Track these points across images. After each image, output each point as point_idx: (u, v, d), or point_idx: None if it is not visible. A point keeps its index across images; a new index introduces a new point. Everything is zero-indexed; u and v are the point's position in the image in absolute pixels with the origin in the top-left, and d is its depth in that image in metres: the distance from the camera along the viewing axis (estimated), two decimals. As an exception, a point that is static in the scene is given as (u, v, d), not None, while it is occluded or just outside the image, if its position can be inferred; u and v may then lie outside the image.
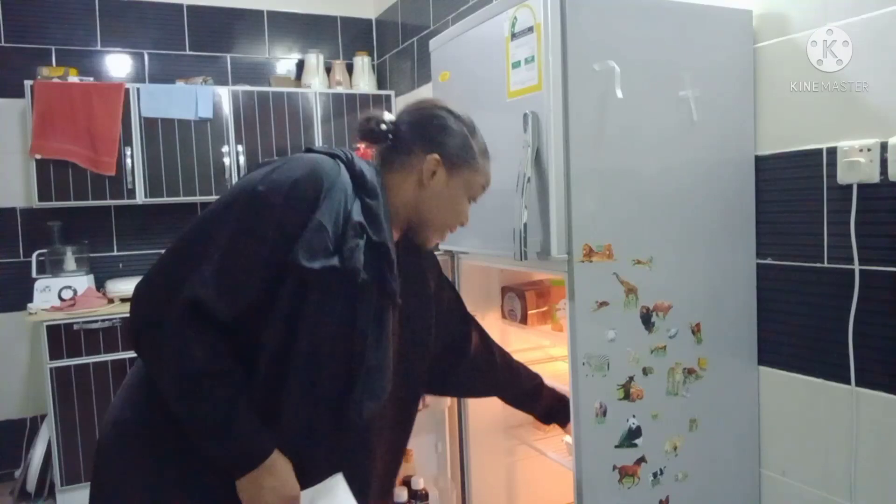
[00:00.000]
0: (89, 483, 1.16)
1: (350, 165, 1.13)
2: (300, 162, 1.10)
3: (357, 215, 1.08)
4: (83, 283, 3.18)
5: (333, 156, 1.13)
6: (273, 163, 1.11)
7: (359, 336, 1.09)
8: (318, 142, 3.55)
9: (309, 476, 1.09)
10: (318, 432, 1.10)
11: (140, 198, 3.21)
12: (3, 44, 3.24)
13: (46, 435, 3.03)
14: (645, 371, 1.54)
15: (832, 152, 1.48)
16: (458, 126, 1.22)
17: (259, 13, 3.73)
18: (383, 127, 1.19)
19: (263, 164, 1.12)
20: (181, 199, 3.30)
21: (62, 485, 2.89)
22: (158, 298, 1.02)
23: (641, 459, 1.55)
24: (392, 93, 3.73)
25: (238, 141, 3.38)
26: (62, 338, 2.90)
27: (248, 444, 1.04)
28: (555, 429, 1.85)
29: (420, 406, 2.09)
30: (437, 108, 1.23)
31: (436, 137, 1.20)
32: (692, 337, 1.59)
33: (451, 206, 1.24)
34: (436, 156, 1.19)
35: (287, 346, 1.05)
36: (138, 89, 3.20)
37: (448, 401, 2.13)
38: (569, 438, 1.70)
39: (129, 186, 3.18)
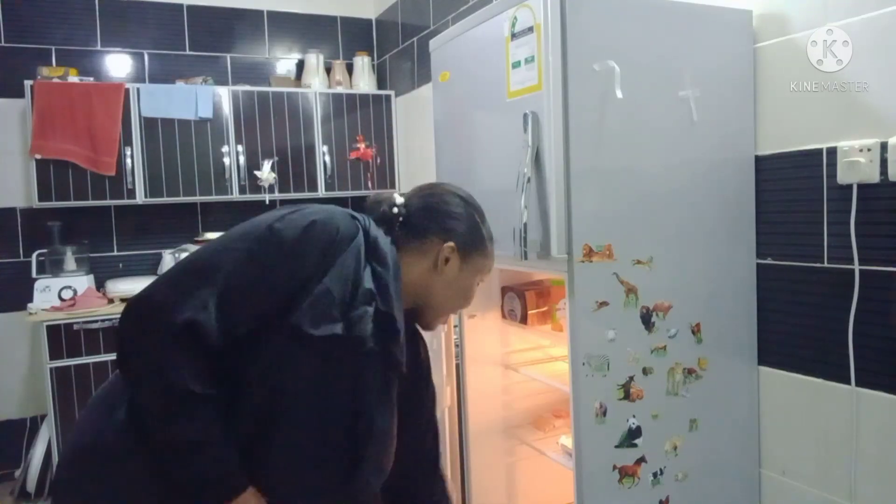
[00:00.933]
0: None
1: (366, 230, 1.12)
2: (320, 208, 1.10)
3: (368, 282, 1.07)
4: (83, 283, 3.18)
5: (352, 216, 1.13)
6: (293, 206, 1.11)
7: (365, 404, 1.07)
8: (319, 141, 3.55)
9: None
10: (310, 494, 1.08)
11: (140, 198, 3.21)
12: (3, 44, 3.24)
13: (46, 435, 3.03)
14: (645, 371, 1.54)
15: (832, 152, 1.48)
16: (468, 212, 1.22)
17: (259, 13, 3.74)
18: (395, 210, 1.20)
19: (282, 208, 1.12)
20: (181, 199, 3.30)
21: (62, 485, 2.89)
22: (155, 314, 1.00)
23: (641, 459, 1.55)
24: (392, 93, 3.73)
25: (238, 141, 3.38)
26: (62, 338, 2.90)
27: (225, 470, 1.01)
28: (555, 429, 1.85)
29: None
30: (447, 192, 1.24)
31: (449, 224, 1.20)
32: (692, 337, 1.59)
33: (462, 291, 1.25)
34: (451, 244, 1.19)
35: (272, 404, 1.03)
36: (138, 89, 3.20)
37: (448, 400, 2.13)
38: (565, 440, 1.70)
39: (129, 186, 3.18)
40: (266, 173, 3.41)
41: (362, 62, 3.79)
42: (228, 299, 1.00)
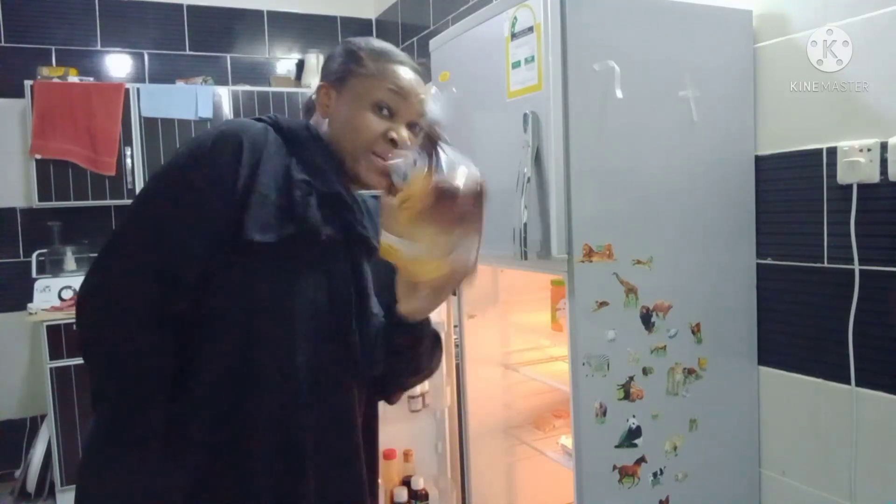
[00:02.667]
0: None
1: (277, 126, 1.06)
2: (222, 123, 1.05)
3: (297, 172, 1.01)
4: (83, 283, 3.18)
5: (257, 118, 1.07)
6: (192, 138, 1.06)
7: (339, 292, 1.02)
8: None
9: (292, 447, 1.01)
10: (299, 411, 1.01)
11: (140, 198, 3.21)
12: (3, 44, 3.24)
13: (46, 435, 3.03)
14: (645, 371, 1.54)
15: (832, 152, 1.48)
16: (343, 48, 1.12)
17: (259, 13, 3.74)
18: (312, 97, 1.15)
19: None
20: (181, 199, 3.30)
21: (62, 485, 2.89)
22: (113, 304, 0.96)
23: (641, 459, 1.55)
24: (392, 93, 3.72)
25: (238, 141, 3.37)
26: (62, 338, 2.90)
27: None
28: (555, 429, 1.85)
29: (419, 406, 2.10)
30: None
31: (325, 70, 1.13)
32: (692, 337, 1.59)
33: (352, 123, 1.08)
34: (321, 83, 1.11)
35: (252, 327, 0.98)
36: (138, 89, 3.20)
37: (448, 400, 2.13)
38: (565, 440, 1.70)
39: (129, 186, 3.18)
40: (266, 173, 3.40)
41: (362, 62, 3.79)
42: (171, 252, 0.95)
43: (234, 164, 0.97)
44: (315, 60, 3.70)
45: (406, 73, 1.12)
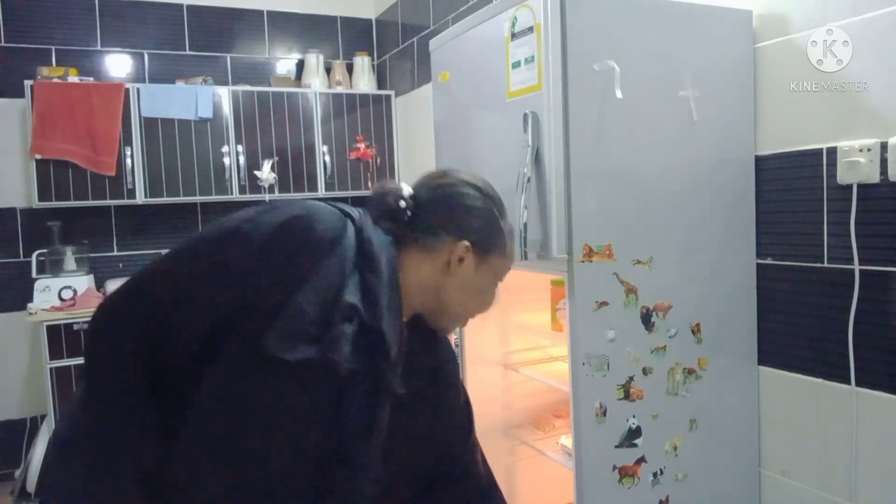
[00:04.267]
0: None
1: (360, 230, 0.98)
2: (301, 205, 0.96)
3: (351, 295, 0.93)
4: (83, 283, 3.18)
5: (344, 213, 1.00)
6: (273, 203, 0.98)
7: (343, 434, 0.94)
8: (319, 141, 3.55)
9: None
10: None
11: (140, 198, 3.21)
12: (3, 44, 3.24)
13: (46, 435, 3.03)
14: (645, 371, 1.54)
15: (832, 152, 1.48)
16: (486, 206, 1.08)
17: (259, 13, 3.74)
18: (402, 203, 1.04)
19: (264, 205, 1.00)
20: (181, 199, 3.30)
21: (62, 485, 2.89)
22: (117, 328, 0.93)
23: (641, 459, 1.55)
24: (392, 93, 3.73)
25: (238, 141, 3.38)
26: (62, 338, 2.90)
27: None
28: (555, 429, 1.85)
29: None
30: (462, 183, 1.09)
31: (464, 220, 1.06)
32: (692, 337, 1.59)
33: (480, 294, 1.11)
34: (466, 243, 1.05)
35: (228, 429, 0.91)
36: (138, 89, 3.20)
37: (448, 401, 2.13)
38: (565, 440, 1.70)
39: (129, 186, 3.18)
40: (266, 173, 3.41)
41: (362, 62, 3.79)
42: (187, 307, 0.91)
43: (283, 266, 0.91)
44: (315, 60, 3.70)
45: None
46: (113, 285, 3.19)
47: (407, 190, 1.06)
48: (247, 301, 0.90)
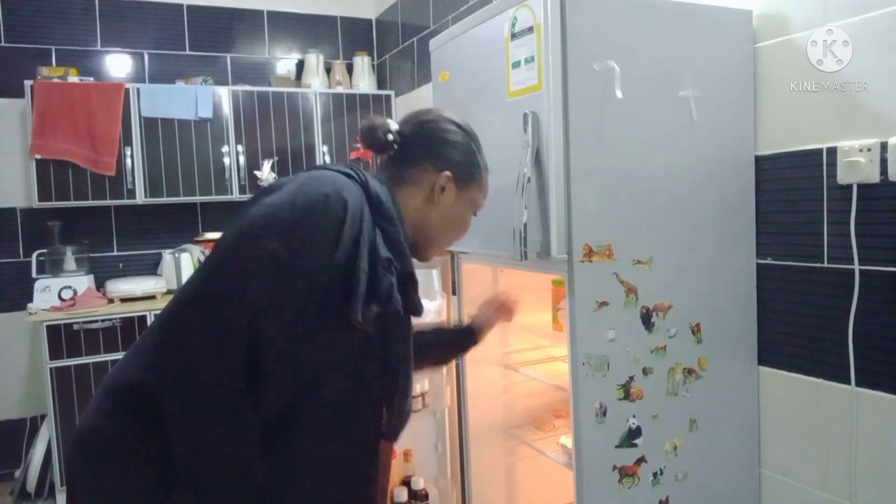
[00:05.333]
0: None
1: (366, 188, 1.07)
2: (318, 183, 1.02)
3: (383, 249, 1.03)
4: (83, 283, 3.18)
5: (349, 175, 1.07)
6: (285, 188, 1.03)
7: (395, 371, 1.09)
8: (319, 141, 3.55)
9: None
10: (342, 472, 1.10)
11: (140, 198, 3.21)
12: (3, 44, 3.24)
13: (46, 435, 3.03)
14: (645, 371, 1.54)
15: (832, 152, 1.48)
16: (465, 141, 1.19)
17: (259, 13, 3.74)
18: (389, 137, 1.15)
19: (272, 187, 1.05)
20: (181, 199, 3.30)
21: (62, 485, 2.89)
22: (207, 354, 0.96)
23: (641, 459, 1.55)
24: (392, 93, 3.73)
25: (238, 141, 3.38)
26: (62, 338, 2.90)
27: None
28: (555, 429, 1.85)
29: (419, 406, 2.10)
30: (444, 119, 1.19)
31: (446, 153, 1.16)
32: (692, 337, 1.59)
33: (459, 222, 1.21)
34: (448, 173, 1.15)
35: (302, 395, 1.02)
36: (138, 89, 3.20)
37: (448, 401, 2.13)
38: (565, 440, 1.70)
39: (129, 186, 3.18)
40: (266, 173, 3.41)
41: (362, 62, 3.79)
42: (267, 312, 0.97)
43: (335, 237, 0.99)
44: (315, 60, 3.70)
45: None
46: (113, 285, 3.20)
47: (394, 125, 1.16)
48: (321, 283, 0.98)
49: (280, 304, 0.97)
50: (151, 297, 3.23)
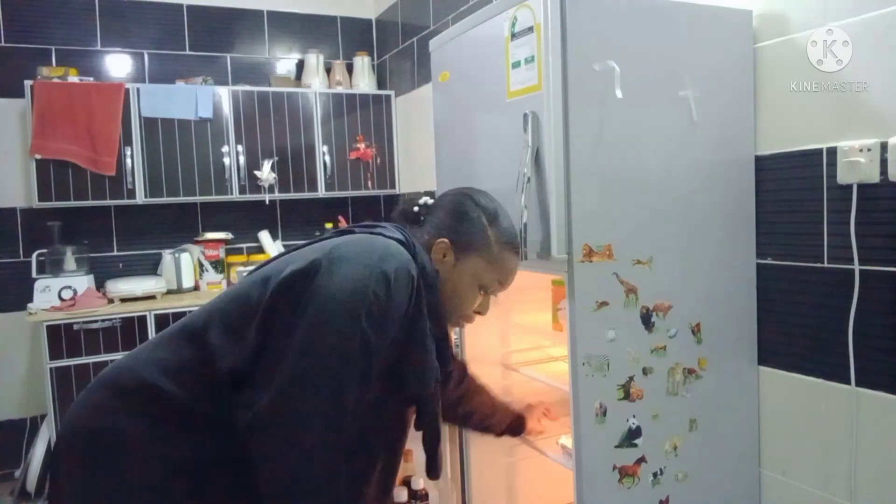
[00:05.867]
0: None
1: (414, 255, 1.12)
2: (385, 255, 1.06)
3: (427, 319, 1.13)
4: (83, 283, 3.18)
5: (402, 244, 1.12)
6: (358, 246, 1.07)
7: (431, 422, 1.22)
8: (319, 141, 3.55)
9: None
10: None
11: (140, 198, 3.21)
12: (3, 44, 3.24)
13: (46, 435, 3.03)
14: (645, 371, 1.54)
15: (832, 152, 1.48)
16: (475, 212, 1.22)
17: (259, 13, 3.74)
18: (415, 209, 1.25)
19: (329, 255, 1.07)
20: (181, 199, 3.30)
21: (62, 485, 2.89)
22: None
23: (641, 459, 1.55)
24: (392, 93, 3.73)
25: (238, 141, 3.38)
26: (62, 338, 2.90)
27: None
28: (556, 429, 1.84)
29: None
30: (462, 194, 1.26)
31: (449, 222, 1.21)
32: (692, 337, 1.59)
33: (458, 293, 1.22)
34: (445, 239, 1.19)
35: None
36: (138, 89, 3.20)
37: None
38: (565, 440, 1.70)
39: (129, 186, 3.18)
40: (266, 173, 3.41)
41: (362, 62, 3.79)
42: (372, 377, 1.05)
43: (404, 315, 1.06)
44: (315, 60, 3.70)
45: (516, 267, 1.28)
46: (113, 285, 3.20)
47: (424, 199, 1.25)
48: (390, 353, 1.08)
49: (364, 384, 1.03)
50: (151, 297, 3.23)
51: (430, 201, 1.25)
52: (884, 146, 1.37)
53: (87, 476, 1.04)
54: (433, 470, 1.25)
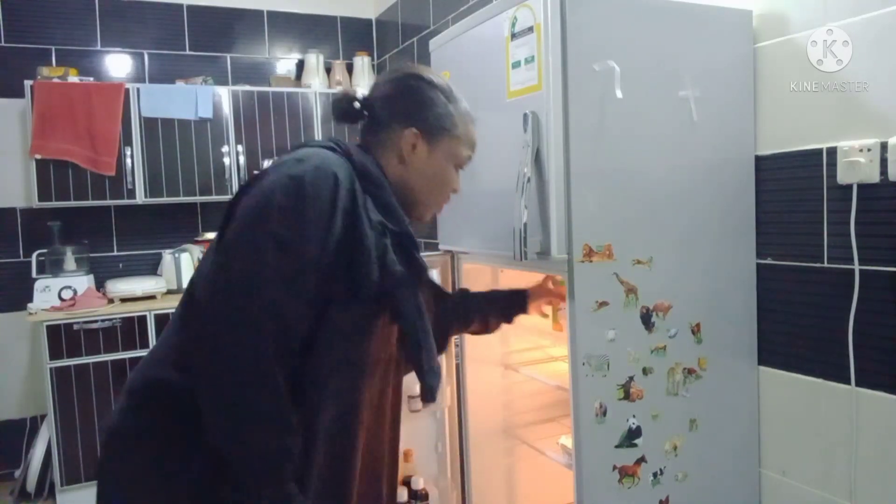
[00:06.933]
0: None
1: (350, 158, 1.08)
2: (305, 166, 1.02)
3: (374, 214, 1.05)
4: (83, 283, 3.18)
5: (332, 149, 1.08)
6: (272, 172, 1.03)
7: (409, 325, 1.10)
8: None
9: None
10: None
11: (140, 198, 3.21)
12: (3, 44, 3.24)
13: (46, 435, 3.03)
14: (645, 371, 1.54)
15: (832, 152, 1.48)
16: (434, 94, 1.16)
17: (259, 13, 3.74)
18: (356, 105, 1.15)
19: (260, 175, 1.05)
20: (181, 199, 3.30)
21: (62, 485, 2.89)
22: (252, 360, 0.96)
23: (641, 459, 1.55)
24: (392, 93, 3.72)
25: (238, 141, 3.38)
26: (62, 338, 2.90)
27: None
28: (555, 429, 1.85)
29: (419, 407, 2.09)
30: (411, 76, 1.17)
31: (411, 110, 1.15)
32: (692, 337, 1.59)
33: (440, 178, 1.19)
34: (413, 129, 1.14)
35: (327, 368, 1.04)
36: (138, 89, 3.20)
37: (448, 400, 2.13)
38: (565, 440, 1.70)
39: (129, 186, 3.18)
40: (266, 173, 3.40)
41: (362, 62, 3.79)
42: (289, 306, 0.98)
43: (331, 211, 1.00)
44: (315, 60, 3.70)
45: (476, 134, 1.25)
46: (113, 285, 3.20)
47: (360, 92, 1.17)
48: (324, 260, 0.99)
49: (294, 287, 0.97)
50: (151, 297, 3.23)
51: (360, 94, 1.16)
52: (884, 146, 1.37)
53: (118, 473, 1.07)
54: (425, 393, 1.16)
